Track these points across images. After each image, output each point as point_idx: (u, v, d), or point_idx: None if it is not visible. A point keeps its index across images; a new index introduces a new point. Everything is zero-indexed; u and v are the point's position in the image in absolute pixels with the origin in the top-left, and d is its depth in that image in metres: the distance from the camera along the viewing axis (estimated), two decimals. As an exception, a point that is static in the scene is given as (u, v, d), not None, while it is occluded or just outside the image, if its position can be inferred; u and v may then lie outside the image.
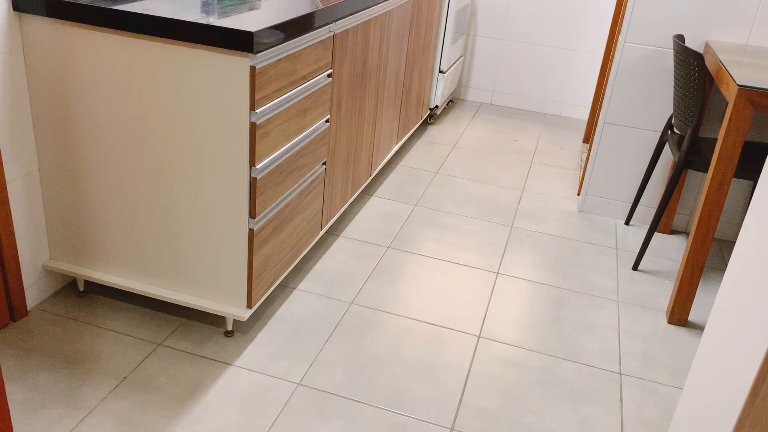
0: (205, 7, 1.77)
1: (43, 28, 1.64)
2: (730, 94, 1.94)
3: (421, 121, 3.53)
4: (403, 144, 3.42)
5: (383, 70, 2.60)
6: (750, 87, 1.87)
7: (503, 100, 4.22)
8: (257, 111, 1.61)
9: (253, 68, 1.56)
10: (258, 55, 1.57)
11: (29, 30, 1.66)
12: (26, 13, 1.63)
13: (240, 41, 1.51)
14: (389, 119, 2.86)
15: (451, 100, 4.25)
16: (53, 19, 1.63)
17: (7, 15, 1.62)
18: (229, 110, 1.60)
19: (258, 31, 1.52)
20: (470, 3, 3.90)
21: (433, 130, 3.69)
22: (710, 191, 2.01)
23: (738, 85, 1.88)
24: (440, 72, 3.61)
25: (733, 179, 2.68)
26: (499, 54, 4.11)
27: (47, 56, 1.67)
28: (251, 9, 1.83)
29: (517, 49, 4.07)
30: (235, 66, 1.55)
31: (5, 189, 1.71)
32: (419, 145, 3.44)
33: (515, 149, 3.52)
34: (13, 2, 1.62)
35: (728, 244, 2.75)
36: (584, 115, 4.12)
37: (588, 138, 3.67)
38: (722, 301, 1.23)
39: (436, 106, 3.69)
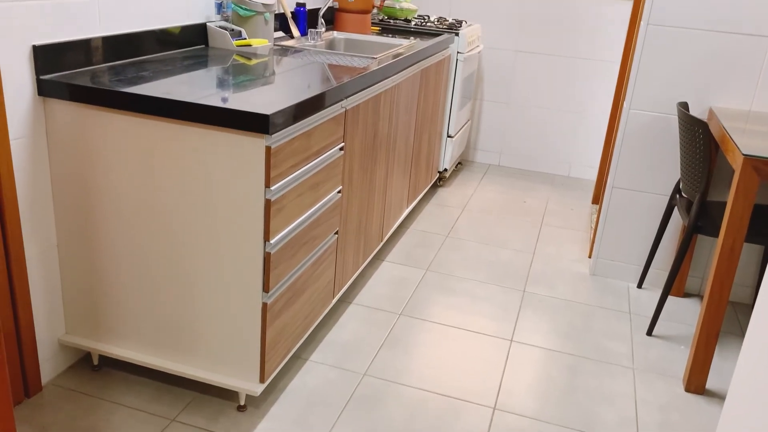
0: (221, 84, 1.83)
1: (66, 111, 1.71)
2: (736, 163, 1.96)
3: (431, 184, 3.58)
4: (414, 207, 3.46)
5: (393, 138, 2.66)
6: (755, 156, 1.89)
7: (511, 161, 4.28)
8: (272, 188, 1.65)
9: (268, 148, 1.60)
10: (273, 135, 1.62)
11: (53, 113, 1.72)
12: (50, 97, 1.70)
13: (256, 123, 1.57)
14: (399, 184, 2.90)
15: (459, 163, 4.31)
16: (76, 103, 1.69)
17: (32, 99, 1.69)
18: (244, 188, 1.64)
19: (273, 114, 1.57)
20: (476, 70, 4.00)
21: (442, 193, 3.73)
22: (721, 258, 2.02)
23: (743, 154, 1.90)
24: (448, 136, 3.68)
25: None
26: (505, 117, 4.19)
27: (69, 137, 1.73)
28: (265, 84, 1.90)
29: (523, 113, 4.15)
30: (251, 146, 1.60)
31: (24, 265, 1.74)
32: (429, 208, 3.48)
33: (525, 211, 3.55)
34: (38, 88, 1.69)
35: (743, 307, 2.73)
36: (592, 175, 4.16)
37: (597, 199, 3.70)
38: (742, 370, 1.22)
39: (445, 169, 3.74)
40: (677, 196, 2.56)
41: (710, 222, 2.29)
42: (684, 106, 2.47)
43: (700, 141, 2.20)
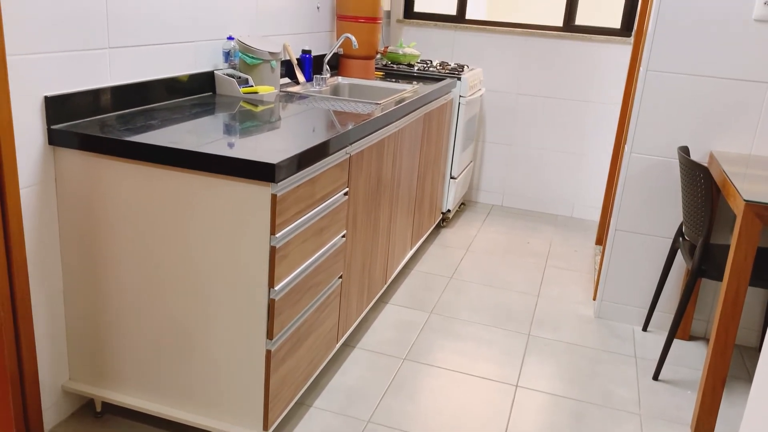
0: (228, 131, 1.87)
1: (76, 159, 1.74)
2: (738, 209, 1.98)
3: (434, 225, 3.59)
4: (417, 248, 3.47)
5: (397, 181, 2.69)
6: (757, 202, 1.91)
7: (514, 201, 4.30)
8: (277, 236, 1.67)
9: (274, 196, 1.62)
10: (279, 183, 1.64)
11: (62, 161, 1.75)
12: (60, 146, 1.73)
13: (262, 172, 1.59)
14: (403, 226, 2.92)
15: (462, 203, 4.33)
16: (85, 152, 1.72)
17: (43, 148, 1.72)
18: (250, 235, 1.66)
19: (279, 163, 1.59)
20: (478, 112, 4.06)
21: (446, 233, 3.74)
22: (726, 303, 2.01)
23: (744, 200, 1.92)
24: (451, 178, 3.71)
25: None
26: (508, 158, 4.23)
27: (77, 185, 1.76)
28: (271, 131, 1.94)
29: (525, 153, 4.19)
30: (257, 194, 1.62)
31: (30, 310, 1.75)
32: (433, 249, 3.49)
33: (528, 252, 3.55)
34: (48, 137, 1.72)
35: (749, 351, 2.71)
36: (595, 216, 4.17)
37: (600, 240, 3.70)
38: (751, 417, 1.21)
39: (448, 210, 3.76)
40: (680, 239, 2.57)
41: (714, 266, 2.29)
42: (685, 151, 2.50)
43: (702, 185, 2.22)
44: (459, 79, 3.53)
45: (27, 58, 1.63)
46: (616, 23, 3.94)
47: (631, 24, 3.85)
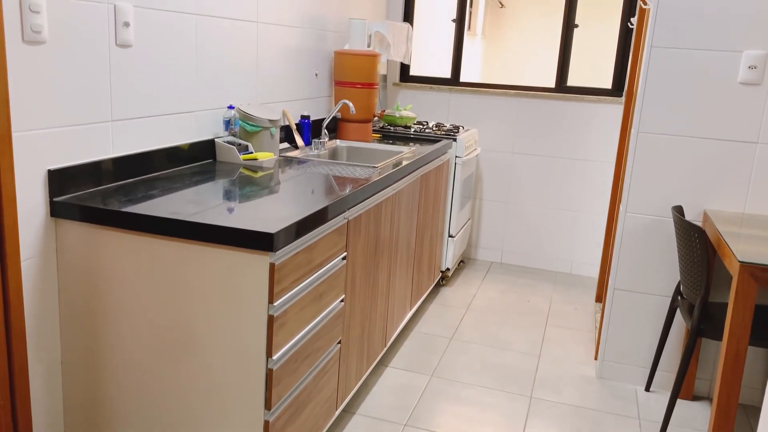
0: (227, 199, 1.90)
1: (77, 231, 1.76)
2: (733, 270, 1.99)
3: (434, 284, 3.60)
4: (417, 308, 3.46)
5: (395, 242, 2.71)
6: (752, 263, 1.92)
7: (513, 258, 4.31)
8: (275, 304, 1.68)
9: (272, 265, 1.64)
10: (277, 252, 1.66)
11: (63, 233, 1.78)
12: (62, 218, 1.76)
13: (260, 241, 1.61)
14: (402, 287, 2.92)
15: (462, 261, 4.34)
16: (86, 223, 1.75)
17: (44, 220, 1.75)
18: (248, 304, 1.66)
19: (277, 232, 1.62)
20: (474, 171, 4.12)
21: (445, 292, 3.74)
22: (726, 364, 2.00)
23: (739, 261, 1.93)
24: (450, 236, 3.74)
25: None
26: (505, 215, 4.26)
27: (78, 256, 1.78)
28: (270, 198, 1.97)
29: (522, 211, 4.23)
30: (255, 263, 1.64)
31: (27, 381, 1.74)
32: (433, 308, 3.48)
33: (529, 310, 3.54)
34: (51, 209, 1.75)
35: (753, 410, 2.67)
36: (594, 272, 4.18)
37: (600, 297, 3.70)
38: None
39: (447, 269, 3.77)
40: (679, 297, 2.57)
41: (713, 325, 2.29)
42: (679, 211, 2.53)
43: (697, 246, 2.24)
44: (455, 140, 3.60)
45: (32, 134, 1.68)
46: (608, 83, 4.04)
47: (621, 84, 3.95)
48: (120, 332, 1.79)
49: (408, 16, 4.25)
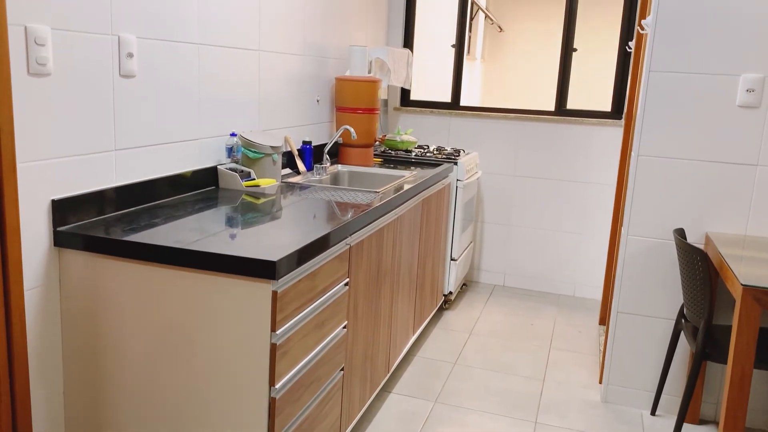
0: (229, 226, 1.91)
1: (80, 260, 1.77)
2: (736, 293, 1.99)
3: (437, 308, 3.59)
4: (420, 332, 3.44)
5: (397, 267, 2.71)
6: (755, 286, 1.92)
7: (516, 281, 4.31)
8: (277, 332, 1.67)
9: (275, 293, 1.64)
10: (279, 280, 1.66)
11: (67, 263, 1.78)
12: (65, 248, 1.76)
13: (263, 269, 1.61)
14: (405, 312, 2.91)
15: (464, 284, 4.34)
16: (90, 253, 1.76)
17: (48, 250, 1.75)
18: (250, 333, 1.66)
19: (280, 260, 1.62)
20: (476, 194, 4.13)
21: (448, 316, 3.72)
22: (732, 389, 1.99)
23: (742, 284, 1.93)
24: (452, 260, 3.73)
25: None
26: (507, 238, 4.26)
27: (81, 285, 1.78)
28: (272, 224, 1.97)
29: (524, 233, 4.23)
30: (257, 291, 1.64)
31: (29, 410, 1.73)
32: (436, 333, 3.46)
33: (532, 334, 3.53)
34: (54, 239, 1.76)
35: (762, 434, 2.65)
36: (597, 294, 4.16)
37: (604, 320, 3.68)
38: None
39: (450, 292, 3.76)
40: (683, 320, 2.56)
41: (718, 348, 2.28)
42: (680, 233, 2.53)
43: (700, 269, 2.23)
44: (456, 163, 3.61)
45: (36, 164, 1.69)
46: (607, 106, 4.07)
47: (621, 107, 3.97)
48: (122, 362, 1.79)
49: (408, 42, 4.30)
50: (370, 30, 3.96)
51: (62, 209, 1.77)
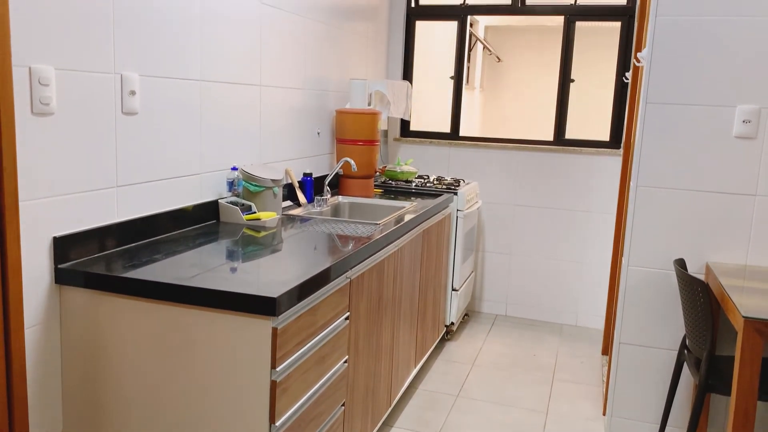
0: (230, 261, 1.91)
1: (81, 297, 1.77)
2: (738, 325, 1.98)
3: (438, 339, 3.57)
4: (422, 364, 3.42)
5: (398, 299, 2.71)
6: (756, 318, 1.91)
7: (518, 311, 4.29)
8: (278, 369, 1.67)
9: (275, 329, 1.64)
10: (280, 316, 1.66)
11: (67, 300, 1.78)
12: (66, 285, 1.77)
13: (263, 306, 1.61)
14: (406, 344, 2.90)
15: (466, 314, 4.32)
16: (90, 290, 1.76)
17: (49, 287, 1.76)
18: (250, 370, 1.65)
19: (280, 296, 1.62)
20: (476, 224, 4.14)
21: (450, 347, 3.70)
22: (736, 422, 1.97)
23: (743, 316, 1.92)
24: (453, 290, 3.73)
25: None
26: (508, 267, 4.26)
27: (81, 322, 1.78)
28: (272, 258, 1.98)
29: (525, 263, 4.23)
30: (257, 328, 1.64)
31: (27, 454, 1.72)
32: (438, 365, 3.44)
33: (535, 365, 3.50)
34: (55, 276, 1.77)
35: (770, 467, 2.61)
36: (600, 324, 4.14)
37: (607, 350, 3.66)
38: None
39: (452, 323, 3.75)
40: (685, 351, 2.54)
41: (721, 380, 2.26)
42: (681, 264, 2.53)
43: (701, 300, 2.23)
44: (456, 193, 3.63)
45: (38, 202, 1.71)
46: (605, 136, 4.10)
47: (619, 136, 4.00)
48: (121, 398, 1.78)
49: (407, 74, 4.35)
50: (370, 63, 4.01)
51: (63, 246, 1.78)
